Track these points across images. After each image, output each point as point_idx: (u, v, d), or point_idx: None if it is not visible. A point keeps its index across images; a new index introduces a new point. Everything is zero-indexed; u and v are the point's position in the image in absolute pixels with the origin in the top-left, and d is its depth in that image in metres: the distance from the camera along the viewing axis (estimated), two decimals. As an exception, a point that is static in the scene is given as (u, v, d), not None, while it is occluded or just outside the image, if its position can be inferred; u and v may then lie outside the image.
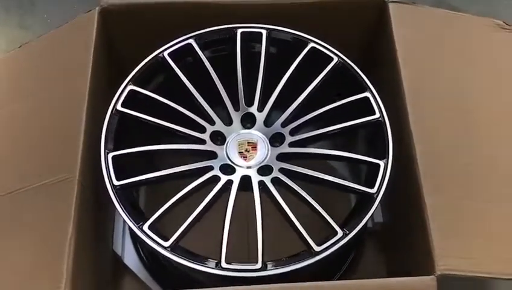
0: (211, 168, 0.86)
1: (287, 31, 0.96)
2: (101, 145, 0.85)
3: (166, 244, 0.78)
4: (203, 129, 0.90)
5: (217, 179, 0.85)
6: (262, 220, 0.81)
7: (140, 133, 0.94)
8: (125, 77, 0.92)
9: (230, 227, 0.81)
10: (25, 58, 1.00)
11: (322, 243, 0.78)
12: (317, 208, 0.81)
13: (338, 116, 0.90)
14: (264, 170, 0.87)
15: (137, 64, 0.93)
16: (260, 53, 0.94)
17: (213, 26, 0.96)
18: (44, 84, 0.95)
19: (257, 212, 0.81)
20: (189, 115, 0.90)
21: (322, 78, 0.92)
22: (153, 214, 0.81)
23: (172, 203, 0.82)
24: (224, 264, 0.77)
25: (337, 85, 0.94)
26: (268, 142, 0.90)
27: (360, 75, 0.92)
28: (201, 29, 0.96)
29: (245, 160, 0.88)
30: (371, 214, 0.80)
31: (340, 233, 0.79)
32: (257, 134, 0.91)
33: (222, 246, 0.78)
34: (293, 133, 0.90)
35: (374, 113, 0.89)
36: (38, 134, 0.90)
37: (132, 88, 0.90)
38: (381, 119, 0.88)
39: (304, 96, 0.91)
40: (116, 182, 0.83)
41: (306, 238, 0.79)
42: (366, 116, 0.89)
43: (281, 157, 0.88)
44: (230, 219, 0.81)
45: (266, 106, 0.92)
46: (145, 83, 0.93)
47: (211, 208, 0.83)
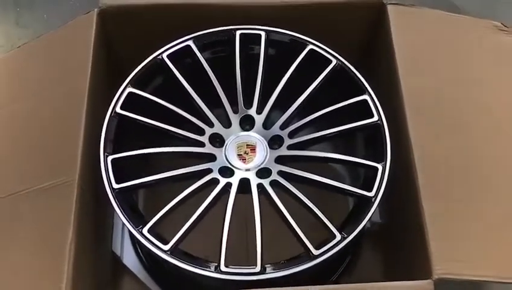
0: (210, 170, 0.87)
1: (285, 33, 0.96)
2: (100, 148, 0.85)
3: (166, 247, 0.79)
4: (202, 131, 0.90)
5: (215, 181, 0.86)
6: (261, 223, 0.81)
7: (139, 135, 0.94)
8: (124, 78, 0.92)
9: (229, 229, 0.81)
10: (25, 58, 1.00)
11: (320, 246, 0.79)
12: (315, 211, 0.82)
13: (337, 119, 0.91)
14: (262, 172, 0.88)
15: (136, 65, 0.93)
16: (259, 55, 0.94)
17: (212, 28, 0.96)
18: (43, 85, 0.95)
19: (256, 215, 0.81)
20: (188, 117, 0.90)
21: (320, 81, 0.92)
22: (152, 218, 0.81)
23: (171, 207, 0.82)
24: (223, 267, 0.77)
25: (336, 87, 0.94)
26: (267, 144, 0.90)
27: (358, 78, 0.92)
28: (200, 31, 0.96)
29: (244, 162, 0.89)
30: (369, 218, 0.81)
31: (338, 237, 0.79)
32: (256, 136, 0.91)
33: (221, 250, 0.79)
34: (291, 135, 0.90)
35: (372, 116, 0.89)
36: (38, 135, 0.90)
37: (131, 90, 0.91)
38: (379, 122, 0.88)
39: (303, 99, 0.91)
40: (115, 185, 0.83)
41: (304, 242, 0.79)
42: (365, 119, 0.89)
43: (279, 159, 0.89)
44: (229, 222, 0.81)
45: (265, 108, 0.92)
46: (144, 85, 0.93)
47: (209, 210, 0.84)
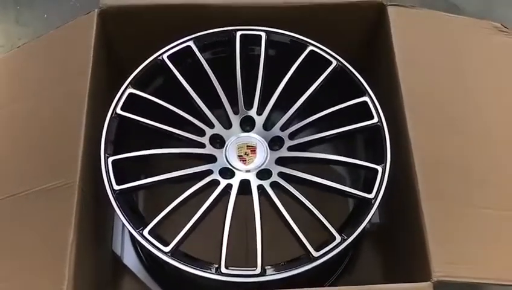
0: (211, 172, 0.87)
1: (286, 34, 0.96)
2: (101, 149, 0.85)
3: (167, 249, 0.79)
4: (202, 132, 0.90)
5: (216, 183, 0.86)
6: (261, 225, 0.81)
7: (139, 136, 0.94)
8: (125, 78, 0.92)
9: (230, 231, 0.81)
10: (25, 58, 1.00)
11: (320, 248, 0.79)
12: (315, 213, 0.82)
13: (337, 120, 0.91)
14: (263, 173, 0.88)
15: (137, 65, 0.93)
16: (259, 56, 0.94)
17: (212, 29, 0.96)
18: (44, 86, 0.95)
19: (256, 217, 0.82)
20: (189, 118, 0.90)
21: (321, 82, 0.92)
22: (153, 219, 0.81)
23: (172, 208, 0.82)
24: (223, 269, 0.78)
25: (336, 89, 0.94)
26: (268, 145, 0.91)
27: (358, 79, 0.92)
28: (200, 32, 0.96)
29: (244, 163, 0.89)
30: (369, 220, 0.81)
31: (338, 239, 0.79)
32: (256, 137, 0.92)
33: (222, 252, 0.79)
34: (292, 136, 0.91)
35: (372, 118, 0.89)
36: (38, 136, 0.90)
37: (131, 91, 0.91)
38: (379, 124, 0.88)
39: (303, 100, 0.91)
40: (116, 187, 0.83)
41: (304, 244, 0.80)
42: (365, 121, 0.89)
43: (280, 161, 0.89)
44: (230, 223, 0.81)
45: (265, 109, 0.92)
46: (145, 86, 0.93)
47: (210, 212, 0.84)
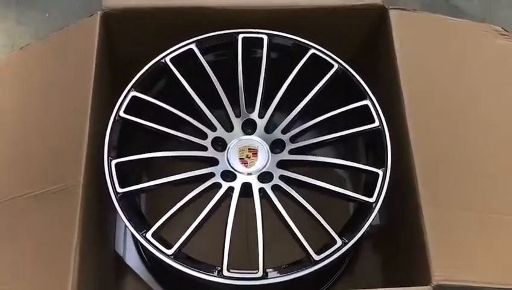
0: (213, 174, 0.88)
1: (288, 37, 0.97)
2: (104, 152, 0.86)
3: (170, 252, 0.80)
4: (204, 135, 0.91)
5: (218, 185, 0.87)
6: (263, 228, 0.82)
7: (142, 138, 0.95)
8: (128, 81, 0.92)
9: (231, 233, 0.82)
10: (28, 60, 1.00)
11: (321, 251, 0.80)
12: (316, 217, 0.83)
13: (338, 124, 0.92)
14: (264, 176, 0.89)
15: (140, 68, 0.93)
16: (261, 58, 0.95)
17: (214, 31, 0.97)
18: (47, 88, 0.95)
19: (258, 220, 0.82)
20: (191, 121, 0.91)
21: (322, 85, 0.93)
22: (156, 222, 0.82)
23: (174, 211, 0.83)
24: (226, 272, 0.79)
25: (337, 92, 0.95)
26: (269, 148, 0.91)
27: (360, 83, 0.93)
28: (203, 34, 0.96)
29: (246, 166, 0.90)
30: (370, 223, 0.82)
31: (339, 242, 0.80)
32: (258, 140, 0.92)
33: (224, 254, 0.80)
34: (293, 140, 0.91)
35: (373, 122, 0.90)
36: (42, 138, 0.90)
37: (134, 94, 0.91)
38: (380, 128, 0.89)
39: (305, 103, 0.92)
40: (119, 190, 0.84)
41: (306, 247, 0.80)
42: (366, 124, 0.90)
43: (281, 164, 0.90)
44: (232, 227, 0.82)
45: (267, 112, 0.93)
46: (147, 89, 0.94)
47: (212, 214, 0.85)
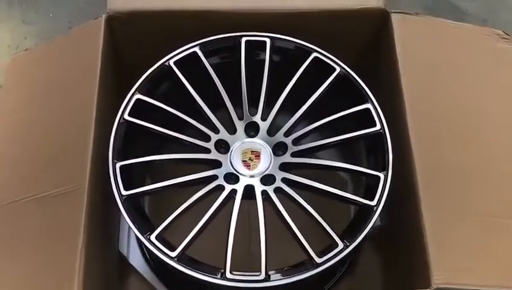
0: (216, 177, 0.89)
1: (290, 40, 0.98)
2: (109, 155, 0.87)
3: (173, 254, 0.81)
4: (208, 138, 0.92)
5: (221, 188, 0.88)
6: (265, 231, 0.83)
7: (146, 140, 0.96)
8: (132, 84, 0.93)
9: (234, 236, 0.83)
10: (34, 62, 1.02)
11: (322, 254, 0.81)
12: (318, 219, 0.84)
13: (340, 127, 0.93)
14: (267, 179, 0.90)
15: (144, 71, 0.94)
16: (264, 61, 0.96)
17: (218, 34, 0.98)
18: (53, 91, 0.96)
19: (260, 223, 0.83)
20: (195, 124, 0.92)
21: (324, 88, 0.94)
22: (160, 224, 0.83)
23: (178, 213, 0.84)
24: (228, 274, 0.80)
25: (339, 95, 0.95)
26: (272, 151, 0.92)
27: (361, 86, 0.94)
28: (206, 37, 0.97)
29: (248, 169, 0.91)
30: (371, 226, 0.83)
31: (341, 245, 0.81)
32: (260, 143, 0.93)
33: (227, 257, 0.81)
34: (295, 142, 0.92)
35: (374, 125, 0.91)
36: (47, 141, 0.92)
37: (139, 97, 0.92)
38: (381, 131, 0.90)
39: (307, 107, 0.93)
40: (124, 192, 0.85)
41: (308, 250, 0.82)
42: (367, 128, 0.91)
43: (283, 166, 0.91)
44: (235, 229, 0.83)
45: (270, 115, 0.94)
46: (152, 92, 0.95)
47: (215, 217, 0.86)
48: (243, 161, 0.92)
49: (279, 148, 0.93)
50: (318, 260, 0.81)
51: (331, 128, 0.93)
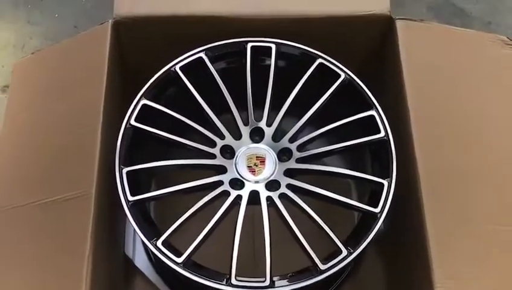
0: (221, 182, 0.90)
1: (295, 46, 0.98)
2: (116, 161, 0.88)
3: (179, 260, 0.82)
4: (213, 143, 0.93)
5: (227, 193, 0.89)
6: (270, 237, 0.84)
7: (152, 146, 0.97)
8: (138, 89, 0.94)
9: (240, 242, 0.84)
10: (40, 66, 1.02)
11: (327, 261, 0.82)
12: (322, 226, 0.85)
13: (344, 133, 0.93)
14: (271, 185, 0.90)
15: (150, 76, 0.95)
16: (269, 67, 0.96)
17: (223, 40, 0.98)
18: (59, 96, 0.97)
19: (265, 229, 0.84)
20: (200, 129, 0.92)
21: (329, 95, 0.94)
22: (166, 230, 0.84)
23: (184, 219, 0.85)
24: (234, 280, 0.81)
25: (344, 101, 0.96)
26: (276, 156, 0.93)
27: (366, 93, 0.94)
28: (212, 43, 0.98)
29: (253, 174, 0.91)
30: (375, 233, 0.84)
31: (344, 252, 0.82)
32: (265, 148, 0.94)
33: (232, 263, 0.82)
34: (300, 149, 0.93)
35: (379, 132, 0.91)
36: (54, 146, 0.92)
37: (145, 102, 0.93)
38: (385, 138, 0.91)
39: (312, 113, 0.93)
40: (130, 198, 0.86)
41: (312, 256, 0.82)
42: (372, 135, 0.91)
43: (288, 172, 0.92)
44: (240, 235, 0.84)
45: (275, 121, 0.94)
46: (158, 97, 0.96)
47: (221, 222, 0.87)
48: (248, 166, 0.92)
49: (284, 154, 0.94)
50: (322, 266, 0.81)
51: (336, 134, 0.94)
